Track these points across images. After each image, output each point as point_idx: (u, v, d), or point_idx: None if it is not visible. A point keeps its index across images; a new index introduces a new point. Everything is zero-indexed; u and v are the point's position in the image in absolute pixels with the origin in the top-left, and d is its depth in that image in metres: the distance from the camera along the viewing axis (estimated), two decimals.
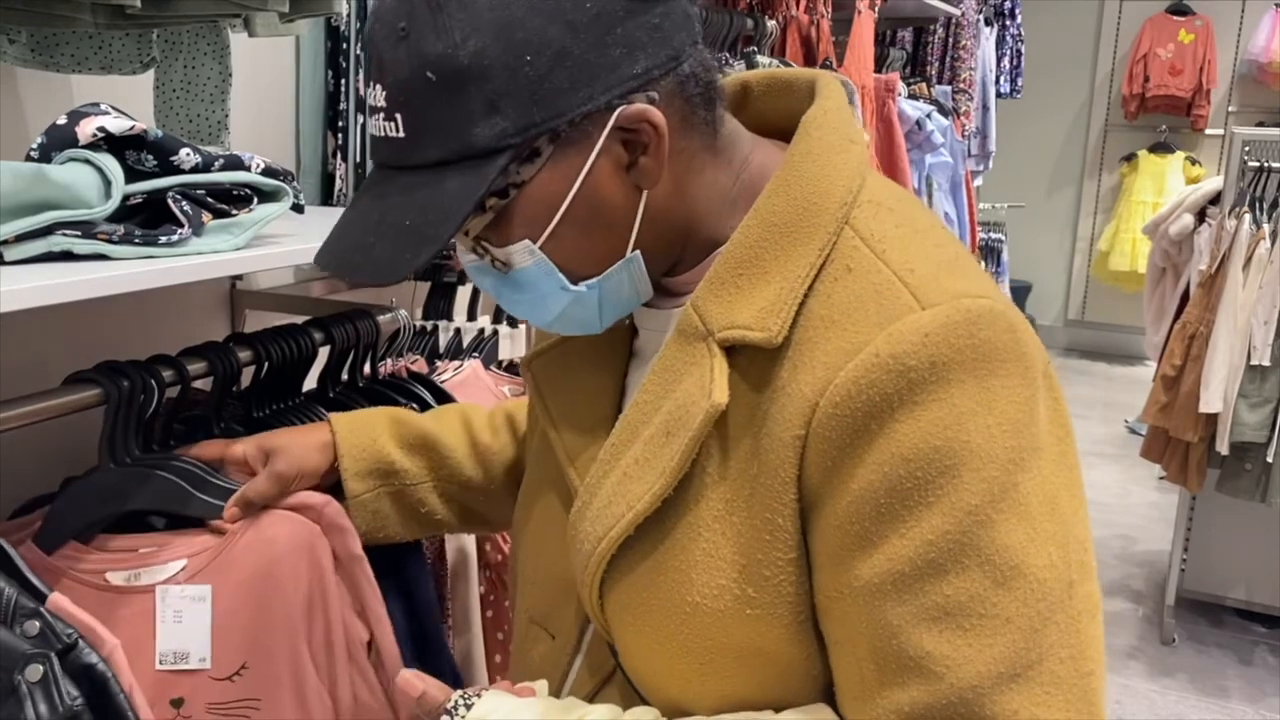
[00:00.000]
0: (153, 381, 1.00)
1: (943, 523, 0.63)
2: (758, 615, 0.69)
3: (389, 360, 1.47)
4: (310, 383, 1.27)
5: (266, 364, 1.15)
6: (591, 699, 0.80)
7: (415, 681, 0.76)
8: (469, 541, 1.25)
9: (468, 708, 0.73)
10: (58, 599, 0.82)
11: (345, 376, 1.28)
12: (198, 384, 1.12)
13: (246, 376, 1.17)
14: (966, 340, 0.65)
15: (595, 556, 0.74)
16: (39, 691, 0.76)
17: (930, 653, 0.63)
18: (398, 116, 0.68)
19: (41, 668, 0.76)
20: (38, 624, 0.79)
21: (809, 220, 0.71)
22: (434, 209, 0.68)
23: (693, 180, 0.75)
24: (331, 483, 1.02)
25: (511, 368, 1.75)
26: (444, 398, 1.32)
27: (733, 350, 0.71)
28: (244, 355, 1.12)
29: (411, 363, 1.58)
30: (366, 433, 1.01)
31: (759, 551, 0.69)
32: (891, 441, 0.65)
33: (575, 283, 0.74)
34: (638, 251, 0.74)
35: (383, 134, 0.70)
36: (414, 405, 1.23)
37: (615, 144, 0.70)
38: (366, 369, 1.31)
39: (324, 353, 1.24)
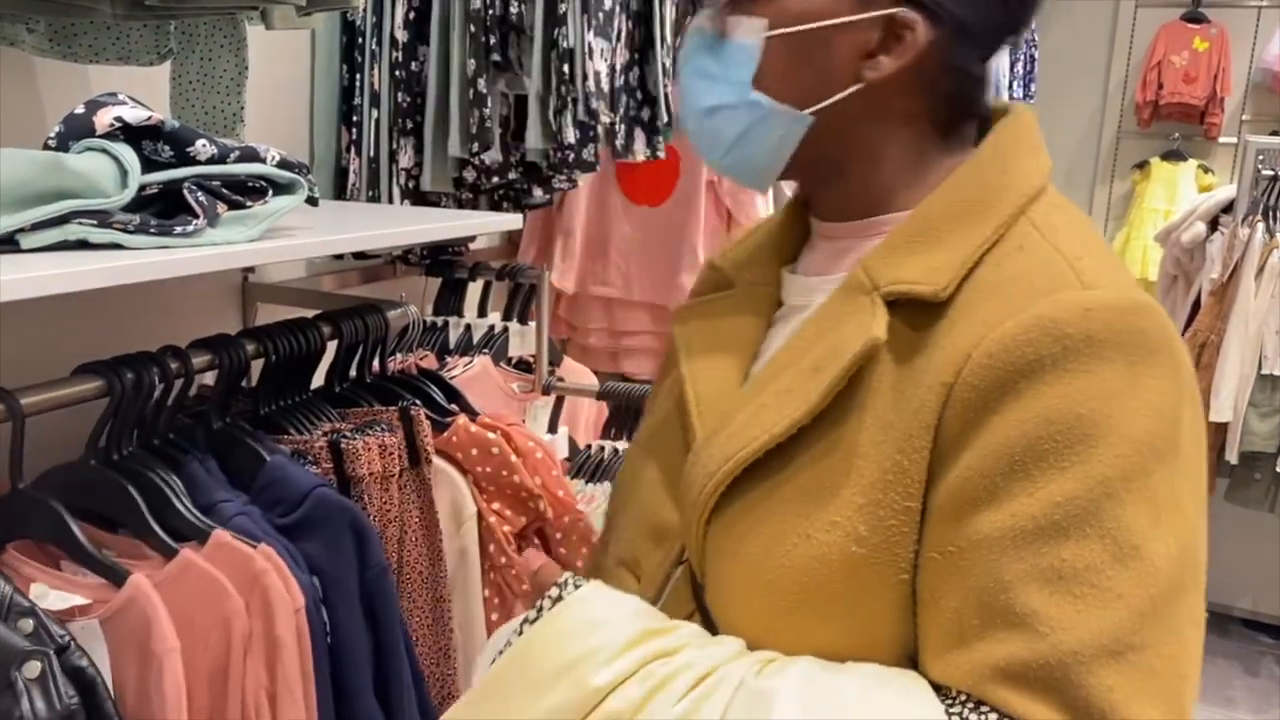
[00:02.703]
0: (156, 376, 1.00)
1: (1073, 488, 0.65)
2: (862, 555, 0.70)
3: (398, 356, 1.47)
4: (320, 379, 1.27)
5: (274, 358, 1.15)
6: None
7: (536, 557, 0.80)
8: (471, 543, 1.25)
9: (576, 586, 0.77)
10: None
11: (353, 372, 1.28)
12: (207, 377, 1.12)
13: (256, 373, 1.18)
14: (1124, 325, 0.67)
15: (717, 476, 0.75)
16: (36, 688, 0.76)
17: (1037, 611, 0.64)
18: None
19: (40, 665, 0.76)
20: (31, 622, 0.79)
21: (990, 202, 0.75)
22: None
23: (896, 129, 0.78)
24: None
25: (521, 364, 1.75)
26: (452, 394, 1.33)
27: (895, 306, 0.73)
28: (250, 349, 1.12)
29: (421, 359, 1.58)
30: None
31: (879, 492, 0.70)
32: (1037, 400, 0.66)
33: (757, 89, 0.77)
34: (808, 121, 0.77)
35: None
36: (419, 401, 1.23)
37: (877, 28, 0.75)
38: (375, 365, 1.31)
39: (333, 347, 1.24)
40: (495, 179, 1.59)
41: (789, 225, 0.89)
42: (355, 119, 1.58)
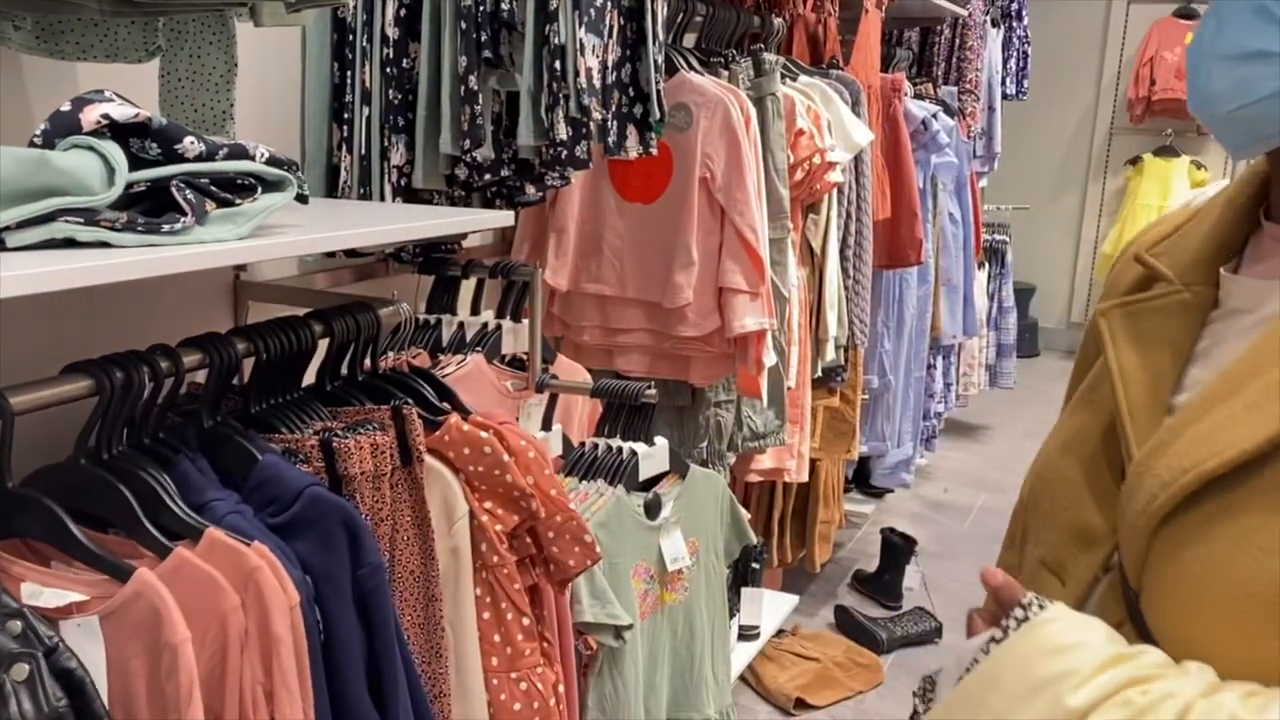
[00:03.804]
0: (146, 375, 1.00)
1: None
2: None
3: (391, 354, 1.46)
4: (311, 377, 1.26)
5: (265, 357, 1.14)
6: None
7: (996, 574, 0.80)
8: (463, 543, 1.25)
9: (1041, 607, 0.76)
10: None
11: (345, 371, 1.28)
12: (198, 376, 1.11)
13: (247, 371, 1.17)
14: None
15: (1173, 488, 0.73)
16: (24, 691, 0.75)
17: None
18: None
19: (28, 667, 0.76)
20: (20, 624, 0.79)
21: None
22: None
23: None
24: None
25: (515, 362, 1.74)
26: (445, 392, 1.32)
27: None
28: (241, 347, 1.11)
29: (414, 357, 1.57)
30: None
31: None
32: None
33: None
34: None
35: None
36: (411, 400, 1.23)
37: None
38: (367, 363, 1.30)
39: (324, 346, 1.24)
40: (487, 176, 1.58)
41: (1231, 223, 0.84)
42: (346, 116, 1.57)
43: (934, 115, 3.20)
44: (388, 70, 1.53)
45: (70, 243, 0.86)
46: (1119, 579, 0.80)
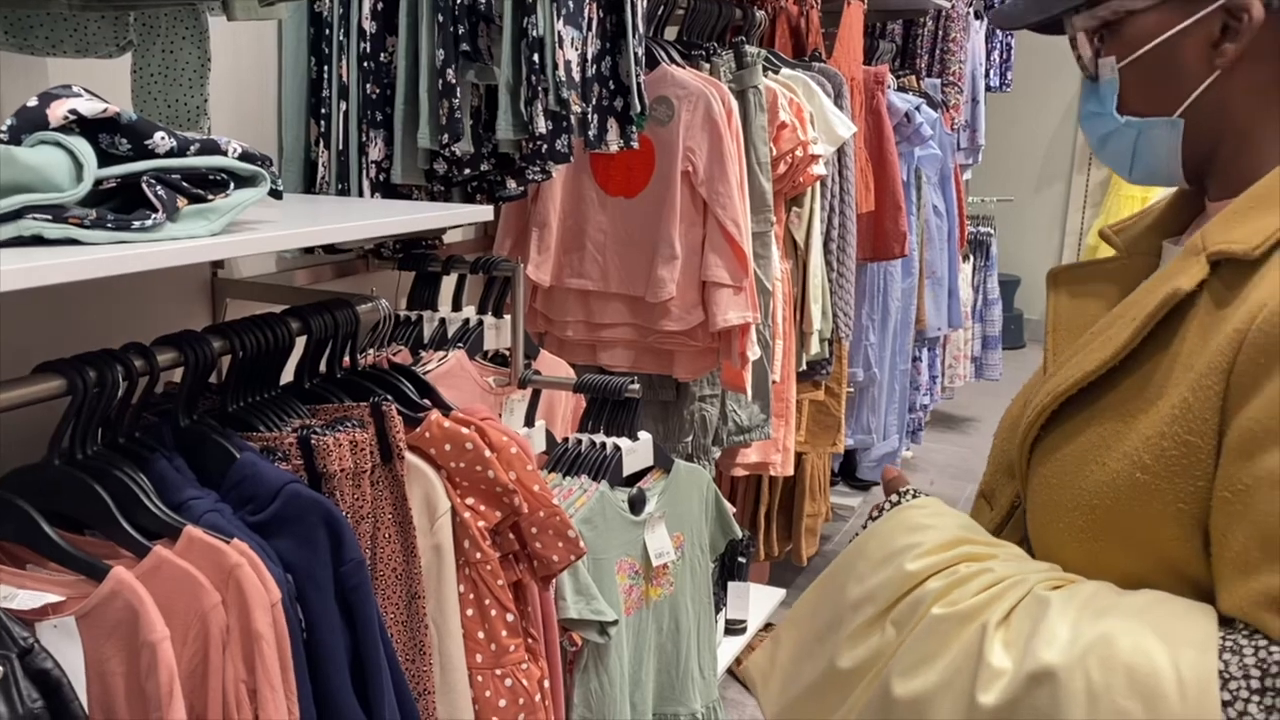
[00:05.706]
0: (120, 374, 0.98)
1: None
2: (1145, 482, 0.78)
3: (371, 351, 1.45)
4: (290, 375, 1.25)
5: (241, 354, 1.13)
6: None
7: (892, 470, 0.97)
8: (445, 539, 1.23)
9: (915, 496, 0.93)
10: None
11: (324, 368, 1.26)
12: (175, 375, 1.10)
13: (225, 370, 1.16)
14: None
15: (1039, 409, 0.87)
16: None
17: None
18: None
19: (2, 669, 0.75)
20: None
21: None
22: None
23: (1261, 99, 0.85)
24: None
25: (497, 358, 1.73)
26: (425, 389, 1.31)
27: (1218, 265, 0.81)
28: (217, 345, 1.10)
29: (395, 353, 1.56)
30: None
31: (1166, 425, 0.78)
32: None
33: (1123, 113, 0.90)
34: (1182, 120, 0.87)
35: None
36: (391, 396, 1.22)
37: (1216, 19, 0.84)
38: (346, 360, 1.29)
39: (302, 343, 1.22)
40: (467, 171, 1.57)
41: (1179, 203, 0.98)
42: (324, 111, 1.56)
43: (917, 108, 3.20)
44: (365, 64, 1.52)
45: (38, 240, 0.84)
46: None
